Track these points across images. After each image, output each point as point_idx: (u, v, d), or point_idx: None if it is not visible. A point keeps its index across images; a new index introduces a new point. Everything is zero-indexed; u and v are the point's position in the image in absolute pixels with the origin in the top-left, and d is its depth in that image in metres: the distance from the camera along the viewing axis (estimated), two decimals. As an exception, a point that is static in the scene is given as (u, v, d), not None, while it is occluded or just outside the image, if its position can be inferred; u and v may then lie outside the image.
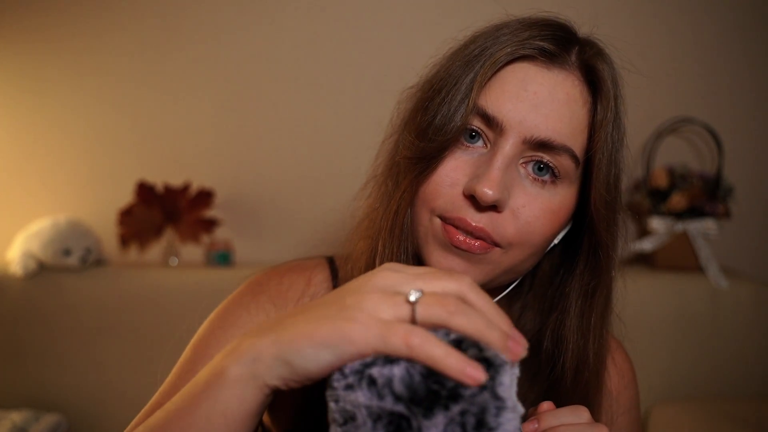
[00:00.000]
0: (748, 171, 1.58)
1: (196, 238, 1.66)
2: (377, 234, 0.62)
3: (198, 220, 1.62)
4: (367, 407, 0.40)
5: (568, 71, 0.58)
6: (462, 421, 0.39)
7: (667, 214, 1.47)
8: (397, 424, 0.39)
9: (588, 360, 0.62)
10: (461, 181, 0.57)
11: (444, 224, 0.58)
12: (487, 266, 0.58)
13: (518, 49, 0.57)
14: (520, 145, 0.56)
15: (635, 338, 1.38)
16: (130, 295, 1.50)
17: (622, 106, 0.61)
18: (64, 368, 1.50)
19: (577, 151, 0.58)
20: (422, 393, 0.39)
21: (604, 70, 0.59)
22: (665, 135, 1.56)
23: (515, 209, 0.57)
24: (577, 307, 0.63)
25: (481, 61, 0.57)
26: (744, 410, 1.26)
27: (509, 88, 0.57)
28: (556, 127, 0.56)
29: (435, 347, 0.38)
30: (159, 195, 1.62)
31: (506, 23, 0.60)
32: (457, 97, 0.57)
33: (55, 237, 1.50)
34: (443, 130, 0.57)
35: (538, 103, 0.56)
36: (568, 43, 0.59)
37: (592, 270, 0.62)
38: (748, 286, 1.39)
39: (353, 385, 0.40)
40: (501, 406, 0.40)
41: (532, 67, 0.57)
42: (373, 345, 0.38)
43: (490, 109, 0.57)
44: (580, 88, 0.58)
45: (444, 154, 0.58)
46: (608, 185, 0.58)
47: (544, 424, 0.50)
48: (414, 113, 0.62)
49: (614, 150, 0.59)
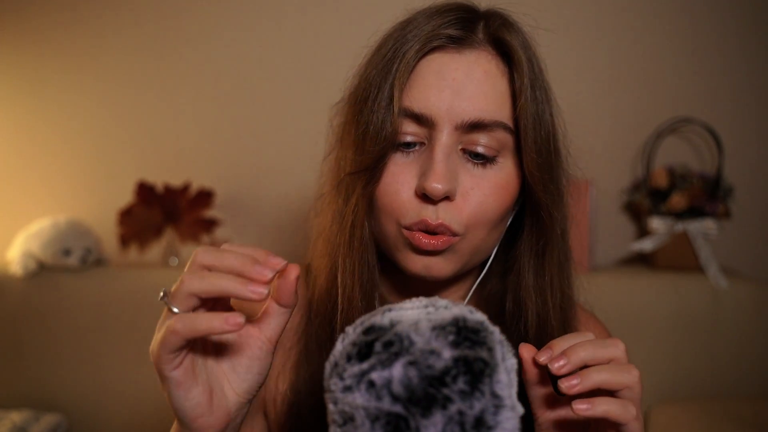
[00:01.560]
0: (748, 171, 1.58)
1: (196, 238, 1.66)
2: (335, 250, 0.64)
3: (198, 220, 1.63)
4: (365, 408, 0.40)
5: (479, 49, 0.60)
6: (460, 420, 0.39)
7: (667, 214, 1.47)
8: (395, 424, 0.39)
9: (549, 319, 0.64)
10: (411, 183, 0.60)
11: (409, 233, 0.60)
12: (455, 255, 0.61)
13: (426, 44, 0.59)
14: (453, 132, 0.59)
15: (635, 338, 1.38)
16: (130, 295, 1.50)
17: (539, 66, 0.62)
18: (64, 368, 1.51)
19: (508, 121, 0.60)
20: (420, 393, 0.39)
21: (512, 38, 0.60)
22: (665, 135, 1.56)
23: (465, 193, 0.60)
24: (531, 268, 0.65)
25: (395, 63, 0.59)
26: (744, 410, 1.26)
27: (428, 81, 0.59)
28: (482, 105, 0.58)
29: (195, 320, 0.43)
30: (159, 195, 1.62)
31: (410, 19, 0.62)
32: (383, 104, 0.59)
33: (55, 237, 1.50)
34: (377, 139, 0.59)
35: (458, 88, 0.58)
36: (472, 22, 0.61)
37: (538, 231, 0.64)
38: (748, 286, 1.39)
39: (351, 387, 0.40)
40: (499, 405, 0.40)
41: (445, 55, 0.59)
42: (160, 352, 0.45)
43: (417, 107, 0.59)
44: (495, 61, 0.60)
45: (385, 161, 0.60)
46: (539, 147, 0.60)
47: (557, 349, 0.50)
48: (347, 127, 0.64)
49: (540, 112, 0.60)
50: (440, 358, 0.40)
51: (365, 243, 0.63)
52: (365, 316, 0.45)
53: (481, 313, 0.44)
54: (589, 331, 0.71)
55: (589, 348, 0.49)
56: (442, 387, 0.39)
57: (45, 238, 1.50)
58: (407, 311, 0.44)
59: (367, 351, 0.41)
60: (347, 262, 0.63)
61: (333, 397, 0.41)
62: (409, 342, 0.41)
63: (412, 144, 0.60)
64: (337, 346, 0.44)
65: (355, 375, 0.40)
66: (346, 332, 0.44)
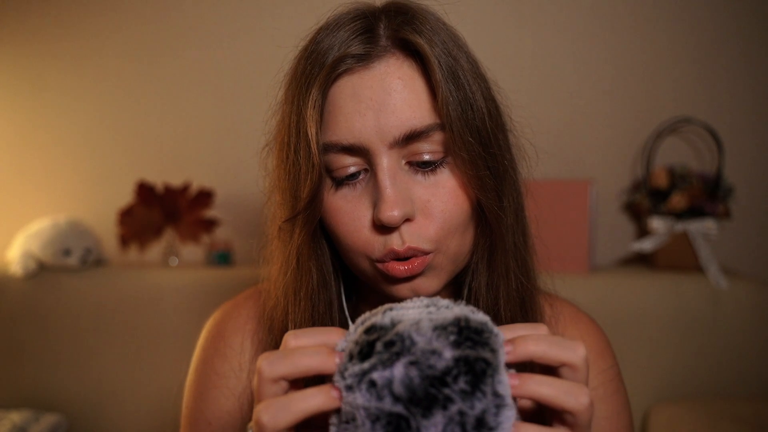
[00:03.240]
0: (748, 171, 1.58)
1: (196, 238, 1.66)
2: (285, 301, 0.62)
3: (198, 220, 1.62)
4: (366, 408, 0.40)
5: (387, 57, 0.55)
6: (461, 420, 0.39)
7: (667, 214, 1.47)
8: (396, 424, 0.39)
9: (500, 310, 0.61)
10: (367, 215, 0.56)
11: (383, 266, 0.57)
12: (436, 270, 0.58)
13: (331, 73, 0.55)
14: (391, 152, 0.55)
15: (635, 338, 1.38)
16: (130, 295, 1.50)
17: (456, 46, 0.57)
18: (64, 368, 1.51)
19: (440, 118, 0.55)
20: (421, 393, 0.39)
21: (416, 36, 0.55)
22: (665, 135, 1.56)
23: (424, 208, 0.56)
24: (483, 261, 0.61)
25: (304, 101, 0.55)
26: (744, 410, 1.26)
27: (346, 108, 0.55)
28: (408, 115, 0.54)
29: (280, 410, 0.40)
30: (159, 195, 1.62)
31: (312, 42, 0.58)
32: (303, 145, 0.56)
33: (55, 237, 1.50)
34: (306, 182, 0.56)
35: (379, 106, 0.54)
36: (371, 30, 0.56)
37: (485, 224, 0.60)
38: (748, 286, 1.39)
39: (352, 387, 0.40)
40: (501, 404, 0.40)
41: (354, 76, 0.55)
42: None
43: (344, 139, 0.55)
44: (408, 63, 0.56)
45: (318, 200, 0.57)
46: (466, 142, 0.55)
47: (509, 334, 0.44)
48: (278, 172, 0.61)
49: (469, 95, 0.55)
50: (441, 358, 0.40)
51: (314, 290, 0.61)
52: (366, 314, 0.45)
53: (483, 313, 0.44)
54: (577, 331, 0.69)
55: (542, 344, 0.42)
56: (443, 387, 0.39)
57: (45, 238, 1.50)
58: (408, 311, 0.44)
59: (368, 350, 0.41)
60: (297, 310, 0.61)
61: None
62: (410, 342, 0.41)
63: (355, 174, 0.57)
64: (339, 343, 0.44)
65: (356, 374, 0.40)
66: (349, 331, 0.44)
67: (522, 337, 0.42)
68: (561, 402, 0.40)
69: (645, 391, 1.38)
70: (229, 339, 0.71)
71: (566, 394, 0.40)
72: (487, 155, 0.57)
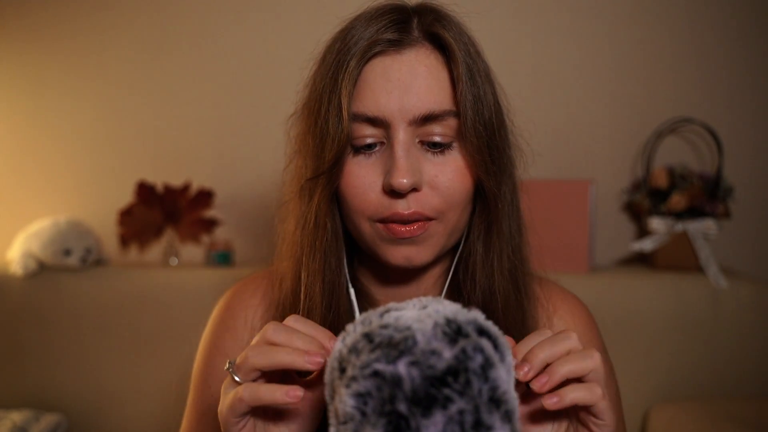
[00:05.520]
0: (748, 171, 1.58)
1: (196, 238, 1.66)
2: (299, 252, 0.69)
3: (198, 220, 1.63)
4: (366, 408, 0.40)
5: (418, 46, 0.64)
6: (461, 420, 0.39)
7: (667, 214, 1.48)
8: (396, 424, 0.39)
9: (495, 291, 0.68)
10: (378, 182, 0.64)
11: (384, 225, 0.64)
12: (433, 239, 0.65)
13: (367, 52, 0.63)
14: (408, 128, 0.63)
15: (635, 338, 1.38)
16: (130, 295, 1.50)
17: (475, 50, 0.66)
18: (64, 368, 1.51)
19: (455, 107, 0.63)
20: (421, 393, 0.39)
21: (445, 31, 0.63)
22: (665, 135, 1.56)
23: (431, 181, 0.63)
24: (480, 242, 0.69)
25: (341, 74, 0.63)
26: (744, 410, 1.26)
27: (376, 85, 0.63)
28: (429, 98, 0.62)
29: (260, 391, 0.49)
30: (159, 195, 1.62)
31: (349, 28, 0.66)
32: (334, 113, 0.63)
33: (56, 237, 1.50)
34: (333, 144, 0.63)
35: (405, 86, 0.62)
36: (406, 22, 0.64)
37: (484, 207, 0.68)
38: (748, 286, 1.39)
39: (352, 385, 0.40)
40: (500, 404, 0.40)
41: (386, 58, 0.63)
42: (227, 416, 0.51)
43: (369, 111, 0.63)
44: (434, 54, 0.64)
45: (341, 163, 0.64)
46: (477, 130, 0.63)
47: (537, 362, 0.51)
48: (303, 138, 0.68)
49: (481, 93, 0.64)
50: (441, 358, 0.40)
51: (329, 243, 0.67)
52: (365, 314, 0.45)
53: (479, 311, 0.45)
54: (567, 306, 0.76)
55: (569, 364, 0.50)
56: (443, 387, 0.39)
57: (45, 238, 1.50)
58: (407, 311, 0.44)
59: (368, 350, 0.41)
60: (311, 262, 0.67)
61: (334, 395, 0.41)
62: (412, 342, 0.41)
63: (372, 145, 0.64)
64: (337, 345, 0.44)
65: (356, 374, 0.40)
66: (347, 331, 0.45)
67: (552, 364, 0.50)
68: (582, 367, 0.50)
69: (645, 391, 1.38)
70: (237, 313, 0.77)
71: (582, 359, 0.50)
72: (491, 146, 0.65)
